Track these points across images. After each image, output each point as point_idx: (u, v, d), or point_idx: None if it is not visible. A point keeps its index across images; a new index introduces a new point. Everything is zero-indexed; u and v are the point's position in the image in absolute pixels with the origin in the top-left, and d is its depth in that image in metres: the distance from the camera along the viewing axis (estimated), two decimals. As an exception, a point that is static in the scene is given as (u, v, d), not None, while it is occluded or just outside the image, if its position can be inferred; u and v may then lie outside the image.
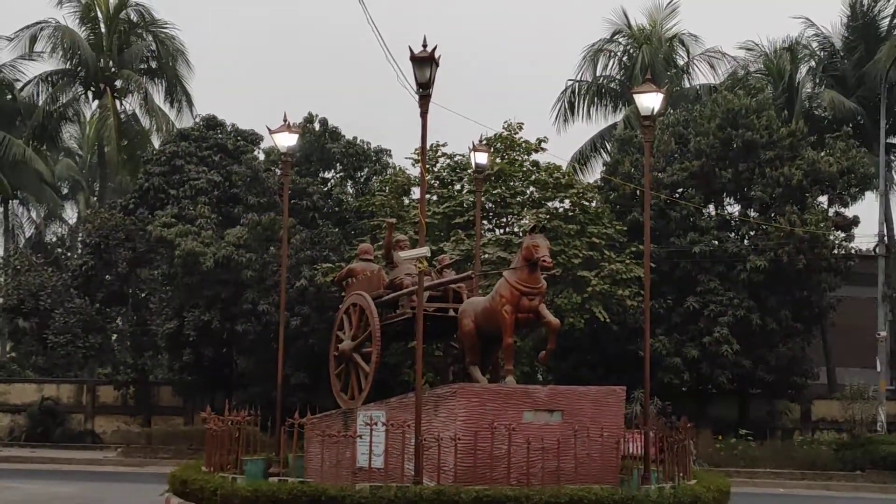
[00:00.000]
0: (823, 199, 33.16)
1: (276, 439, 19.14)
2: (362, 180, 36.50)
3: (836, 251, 32.36)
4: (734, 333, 30.41)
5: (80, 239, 42.12)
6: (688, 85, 41.58)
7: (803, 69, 39.91)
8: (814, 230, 30.77)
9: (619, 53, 42.33)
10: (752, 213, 32.96)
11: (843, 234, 32.99)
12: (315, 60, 77.15)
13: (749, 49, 40.59)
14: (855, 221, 33.65)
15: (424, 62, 16.29)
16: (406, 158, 36.17)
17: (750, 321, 30.62)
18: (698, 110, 34.17)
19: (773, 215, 31.86)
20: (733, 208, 33.90)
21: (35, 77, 43.82)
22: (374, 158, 36.48)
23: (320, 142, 35.50)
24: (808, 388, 33.39)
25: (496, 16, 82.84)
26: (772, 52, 39.72)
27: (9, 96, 43.61)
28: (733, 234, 33.12)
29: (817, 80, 39.66)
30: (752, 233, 32.78)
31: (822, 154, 32.89)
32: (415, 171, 31.63)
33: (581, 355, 31.01)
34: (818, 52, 40.19)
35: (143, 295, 36.92)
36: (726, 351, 30.14)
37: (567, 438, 16.08)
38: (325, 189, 34.88)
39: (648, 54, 39.94)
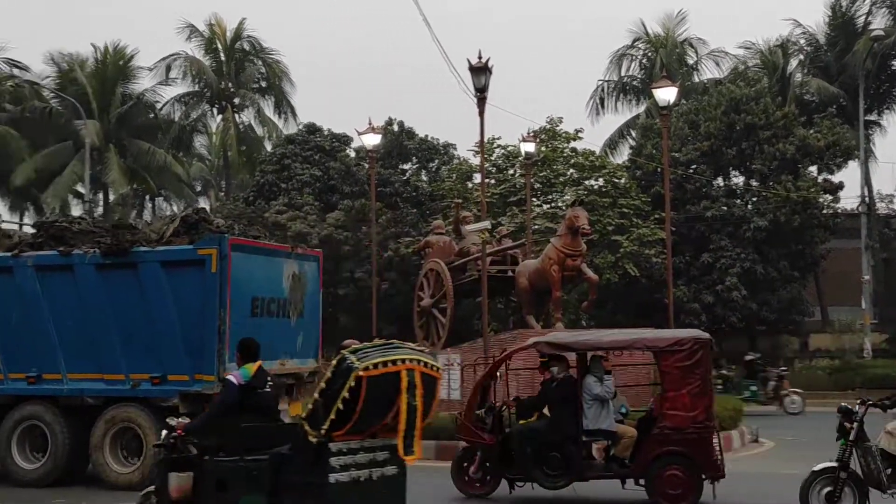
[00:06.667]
0: (813, 168, 32.61)
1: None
2: (434, 169, 36.48)
3: (825, 211, 31.87)
4: (742, 282, 30.04)
5: (212, 226, 42.74)
6: (697, 80, 40.81)
7: (793, 62, 39.03)
8: (806, 195, 30.27)
9: (639, 56, 41.70)
10: (754, 183, 32.41)
11: (830, 197, 32.47)
12: (393, 71, 77.22)
13: (747, 48, 39.80)
14: (840, 186, 33.06)
15: (480, 71, 16.26)
16: (468, 150, 36.17)
17: (755, 271, 30.23)
18: (706, 100, 33.61)
19: (771, 184, 31.32)
20: (738, 179, 33.36)
21: (171, 98, 44.38)
22: (442, 151, 36.43)
23: (399, 140, 35.54)
24: (805, 324, 32.93)
25: (537, 30, 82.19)
26: (766, 49, 38.83)
27: (151, 115, 44.26)
28: (739, 200, 32.59)
29: (805, 71, 38.74)
30: (754, 199, 32.26)
31: (811, 131, 32.35)
32: (476, 161, 31.60)
33: (616, 304, 30.83)
34: (805, 48, 39.22)
35: (263, 268, 37.35)
36: (736, 296, 29.82)
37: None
38: (404, 178, 34.95)
39: (664, 56, 39.32)
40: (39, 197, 41.10)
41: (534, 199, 29.70)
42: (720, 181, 32.91)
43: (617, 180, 31.36)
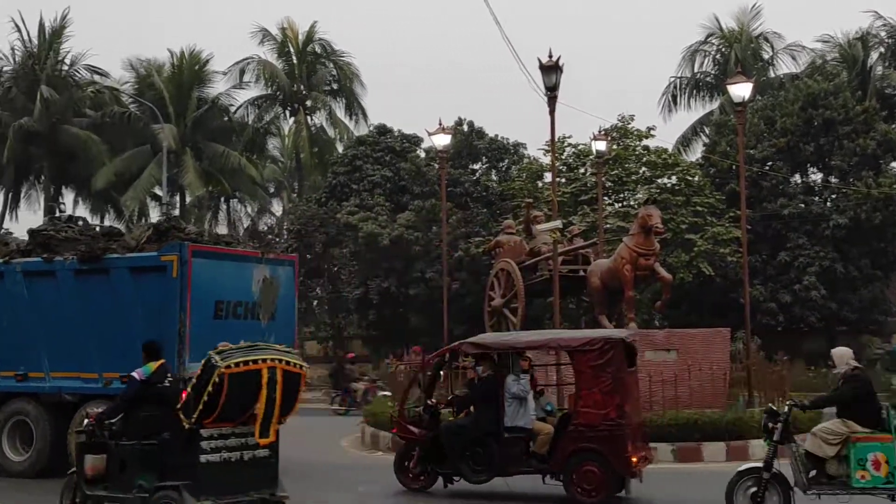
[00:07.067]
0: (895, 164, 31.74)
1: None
2: (504, 169, 36.41)
3: (908, 208, 30.93)
4: (821, 281, 29.37)
5: (285, 227, 43.24)
6: (773, 75, 40.04)
7: (874, 55, 37.96)
8: (888, 191, 29.47)
9: (712, 52, 41.12)
10: (833, 179, 31.66)
11: (915, 193, 31.50)
12: (461, 73, 77.43)
13: (825, 41, 38.85)
14: (925, 181, 32.02)
15: (550, 70, 16.15)
16: (538, 149, 36.03)
17: (834, 270, 29.53)
18: (783, 96, 32.97)
19: (851, 180, 30.56)
20: (816, 176, 32.63)
21: (244, 102, 45.15)
22: (512, 151, 36.35)
23: (469, 140, 35.55)
24: (888, 324, 32.00)
25: (608, 27, 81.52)
26: (845, 42, 37.86)
27: (226, 118, 45.04)
28: (817, 197, 31.86)
29: (886, 64, 37.66)
30: (833, 196, 31.51)
31: (894, 126, 31.46)
32: (546, 160, 31.46)
33: (691, 304, 30.35)
34: (886, 40, 38.09)
35: (335, 269, 37.71)
36: (815, 295, 29.17)
37: (682, 372, 15.84)
38: (474, 178, 34.95)
39: (738, 51, 38.66)
40: (119, 200, 42.20)
41: (605, 198, 29.43)
42: (797, 178, 32.23)
43: (690, 178, 30.94)
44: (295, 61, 44.70)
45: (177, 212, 45.31)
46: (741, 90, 18.11)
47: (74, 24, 46.19)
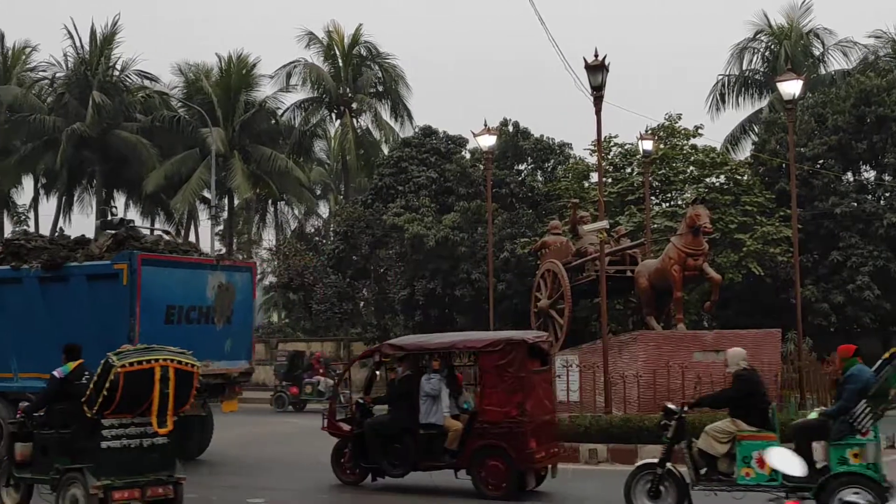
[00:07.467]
0: (953, 160, 30.93)
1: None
2: (549, 169, 36.22)
3: (967, 205, 30.18)
4: (875, 280, 28.77)
5: (331, 229, 43.50)
6: (824, 72, 39.35)
7: (928, 50, 37.19)
8: (944, 189, 28.78)
9: (761, 49, 40.55)
10: (887, 178, 31.01)
11: (973, 190, 30.76)
12: (506, 74, 77.30)
13: (878, 37, 38.05)
14: (985, 178, 31.24)
15: (596, 69, 16.05)
16: (584, 149, 35.74)
17: (889, 269, 28.92)
18: (834, 93, 32.36)
19: (905, 178, 29.93)
20: (869, 174, 31.96)
21: (291, 105, 45.52)
22: (557, 151, 36.13)
23: (514, 140, 35.42)
24: (946, 324, 31.25)
25: (648, 26, 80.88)
26: (898, 37, 37.15)
27: (273, 121, 45.44)
28: (870, 196, 31.22)
29: (941, 59, 36.83)
30: (887, 194, 30.86)
31: (949, 122, 30.65)
32: (592, 160, 31.29)
33: (740, 305, 29.92)
34: (941, 35, 37.31)
35: (381, 270, 37.84)
36: (868, 295, 28.58)
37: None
38: (520, 178, 34.82)
39: (788, 48, 38.05)
40: (169, 203, 42.78)
41: (652, 198, 29.14)
42: (849, 176, 31.62)
43: (739, 177, 30.53)
44: (341, 64, 44.94)
45: (225, 215, 45.88)
46: (791, 87, 17.85)
47: (124, 30, 47.05)
